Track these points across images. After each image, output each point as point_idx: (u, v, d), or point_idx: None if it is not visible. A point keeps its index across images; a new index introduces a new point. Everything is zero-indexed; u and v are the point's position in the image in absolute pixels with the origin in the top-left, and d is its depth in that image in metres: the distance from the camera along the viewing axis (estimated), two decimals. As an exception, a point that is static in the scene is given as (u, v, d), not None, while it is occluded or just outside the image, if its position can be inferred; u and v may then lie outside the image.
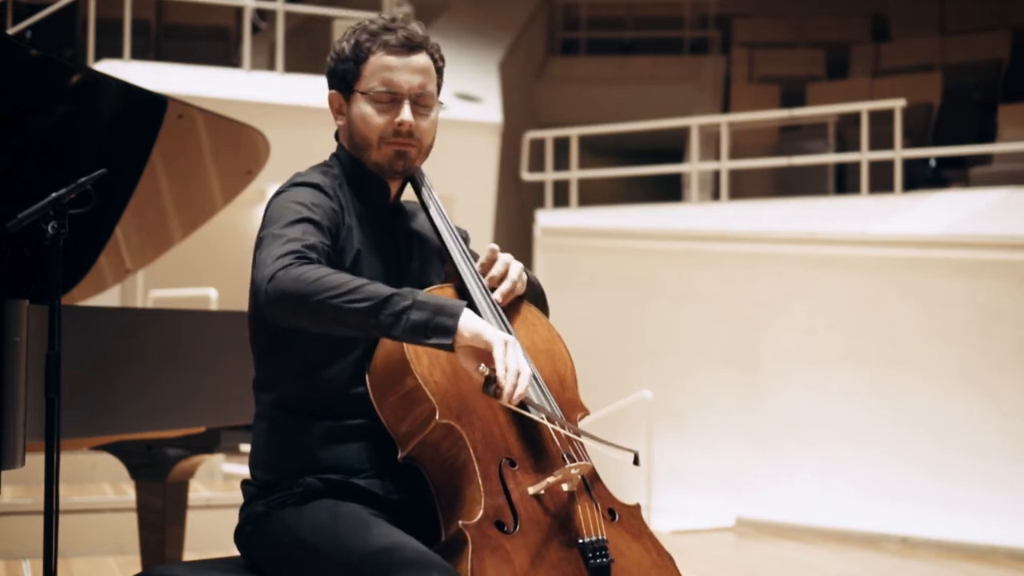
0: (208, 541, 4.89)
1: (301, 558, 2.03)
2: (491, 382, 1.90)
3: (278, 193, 2.13)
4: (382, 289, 1.89)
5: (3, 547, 5.17)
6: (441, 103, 2.22)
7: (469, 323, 1.89)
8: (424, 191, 2.28)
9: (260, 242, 2.01)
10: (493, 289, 2.19)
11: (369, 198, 2.22)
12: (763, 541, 6.72)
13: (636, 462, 2.05)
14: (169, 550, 3.44)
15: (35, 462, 2.42)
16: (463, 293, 2.18)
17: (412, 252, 2.26)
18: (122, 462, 3.43)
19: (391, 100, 2.15)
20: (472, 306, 2.15)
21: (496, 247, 2.23)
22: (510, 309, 2.22)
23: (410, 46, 2.16)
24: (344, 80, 2.18)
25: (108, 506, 5.45)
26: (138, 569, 3.50)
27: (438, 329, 1.88)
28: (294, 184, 2.15)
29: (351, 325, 1.89)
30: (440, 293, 2.15)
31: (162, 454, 3.35)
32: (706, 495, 7.37)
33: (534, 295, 2.33)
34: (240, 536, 2.18)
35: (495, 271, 2.20)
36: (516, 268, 2.23)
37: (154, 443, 3.33)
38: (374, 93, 2.15)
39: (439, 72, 2.22)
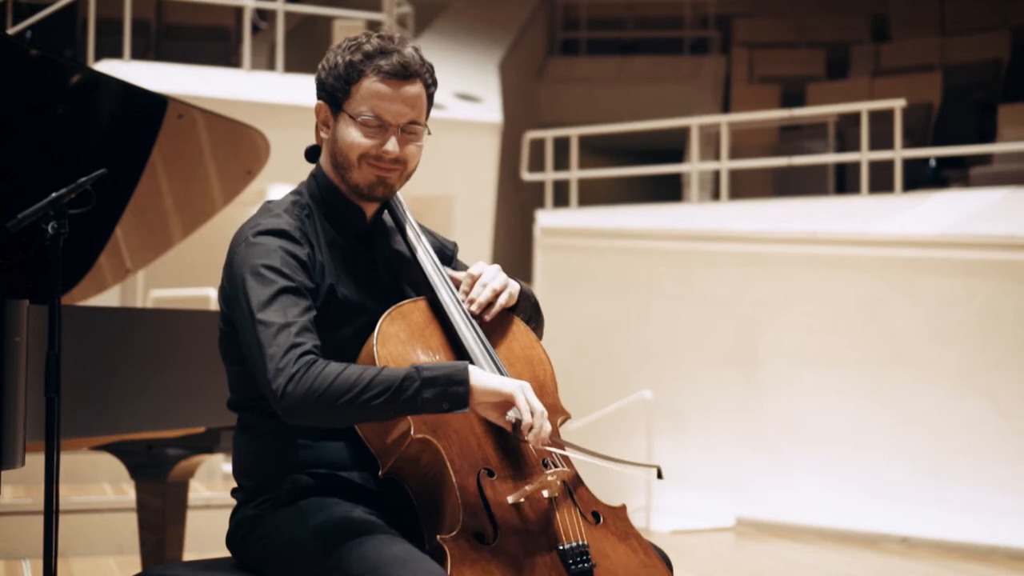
0: (208, 541, 4.89)
1: (293, 559, 2.04)
2: (518, 427, 1.99)
3: (247, 242, 2.08)
4: (390, 376, 1.93)
5: (3, 547, 5.17)
6: (428, 131, 2.19)
7: (479, 383, 1.97)
8: (397, 211, 2.26)
9: (246, 327, 2.00)
10: (472, 302, 2.17)
11: (344, 224, 2.20)
12: (763, 541, 6.72)
13: (660, 476, 2.09)
14: (169, 550, 3.44)
15: (35, 462, 2.42)
16: (435, 305, 2.17)
17: (393, 273, 2.25)
18: (122, 462, 3.43)
19: (379, 127, 2.12)
20: (446, 320, 2.16)
21: (475, 273, 2.21)
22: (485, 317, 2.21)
23: (404, 75, 2.11)
24: (333, 96, 2.15)
25: (108, 506, 5.45)
26: (138, 569, 3.50)
27: (453, 399, 1.95)
28: (260, 232, 2.09)
29: (375, 417, 1.98)
30: (412, 307, 2.15)
31: (162, 454, 3.35)
32: (706, 495, 7.37)
33: (527, 307, 2.31)
34: (232, 541, 2.19)
35: (473, 293, 2.18)
36: (499, 281, 2.21)
37: (154, 443, 3.33)
38: (362, 119, 2.11)
39: (430, 98, 2.19)
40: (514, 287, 2.24)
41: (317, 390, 1.91)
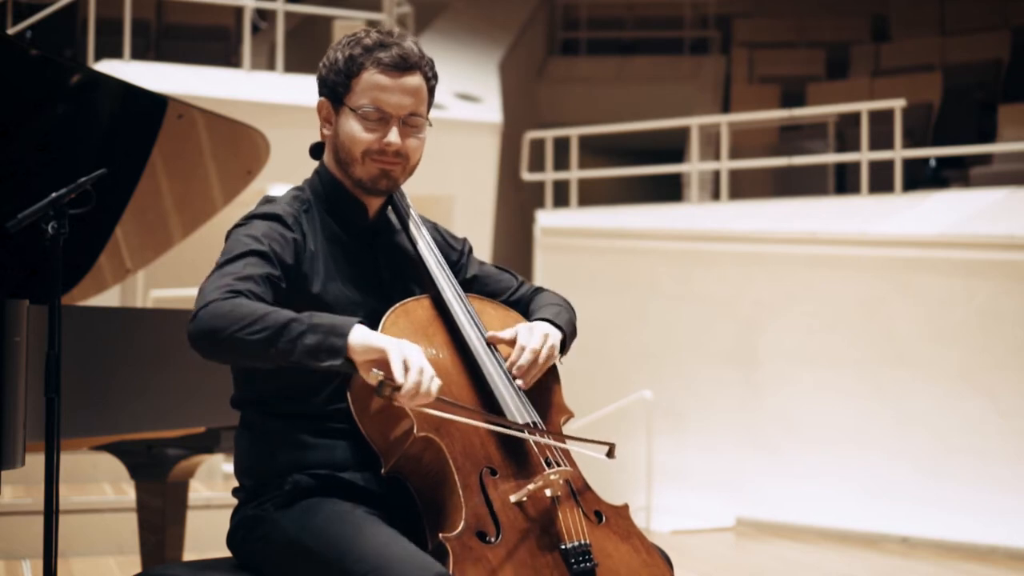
0: (208, 541, 4.89)
1: (294, 559, 2.04)
2: (383, 385, 1.84)
3: (235, 226, 2.12)
4: (282, 316, 1.88)
5: (3, 547, 5.17)
6: (430, 124, 2.20)
7: (359, 338, 1.87)
8: (401, 208, 2.26)
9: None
10: (516, 377, 2.13)
11: (346, 219, 2.21)
12: (763, 541, 6.72)
13: (611, 455, 2.06)
14: (169, 550, 3.44)
15: (35, 462, 2.42)
16: (439, 304, 2.18)
17: (394, 269, 2.24)
18: (122, 462, 3.43)
19: (380, 119, 2.12)
20: (449, 318, 2.16)
21: (510, 336, 2.16)
22: (486, 319, 2.21)
23: (404, 66, 2.12)
24: (334, 92, 2.16)
25: (108, 506, 5.45)
26: (138, 569, 3.50)
27: (330, 351, 1.86)
28: (254, 216, 2.13)
29: (257, 356, 1.89)
30: (416, 305, 2.15)
31: (162, 454, 3.35)
32: (706, 495, 7.37)
33: (571, 342, 2.29)
34: (233, 541, 2.19)
35: (522, 361, 2.13)
36: (536, 339, 2.15)
37: (154, 443, 3.33)
38: (363, 112, 2.12)
39: (431, 91, 2.19)
40: (554, 339, 2.18)
41: (217, 315, 1.88)
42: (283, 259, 2.06)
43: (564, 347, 2.26)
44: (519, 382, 2.13)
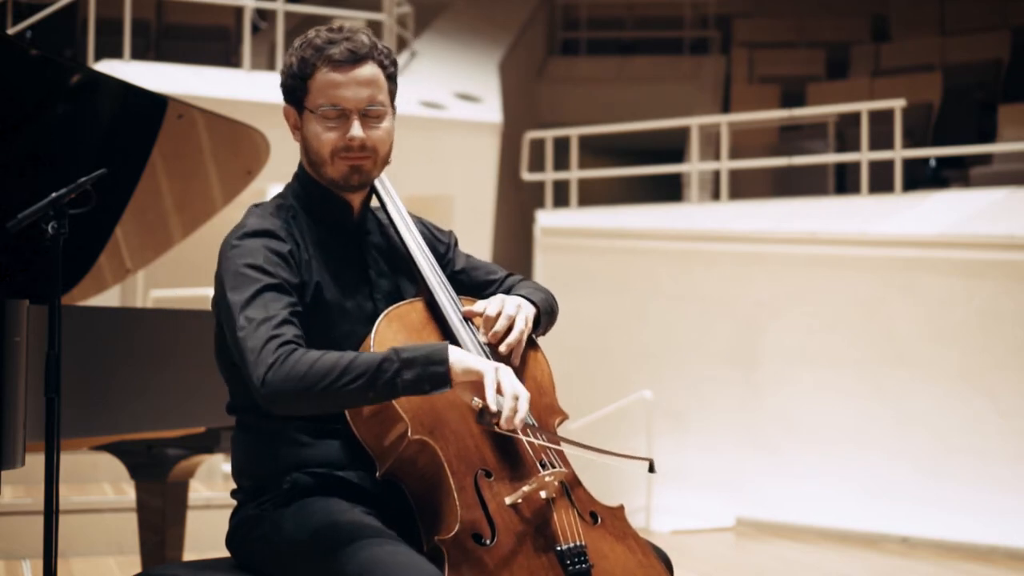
0: (208, 541, 4.89)
1: (292, 559, 2.04)
2: (484, 413, 1.95)
3: (230, 246, 2.09)
4: (369, 360, 1.92)
5: (3, 547, 5.17)
6: (394, 111, 2.19)
7: (458, 362, 1.95)
8: (389, 206, 2.26)
9: (231, 327, 2.00)
10: (498, 344, 2.16)
11: (332, 219, 2.21)
12: (763, 541, 6.72)
13: (652, 469, 2.07)
14: (169, 550, 3.44)
15: (35, 462, 2.42)
16: (432, 306, 2.18)
17: (383, 267, 2.24)
18: (122, 462, 3.43)
19: (339, 116, 2.12)
20: (443, 321, 2.16)
21: (484, 307, 2.18)
22: (477, 320, 2.20)
23: (354, 59, 2.12)
24: (294, 96, 2.16)
25: (108, 506, 5.45)
26: (138, 569, 3.50)
27: (433, 380, 1.92)
28: (244, 234, 2.10)
29: (355, 403, 1.97)
30: (409, 308, 2.16)
31: (162, 454, 3.35)
32: (706, 495, 7.37)
33: (546, 322, 2.30)
34: (232, 542, 2.19)
35: (498, 326, 2.16)
36: (516, 319, 2.18)
37: (154, 443, 3.33)
38: (322, 112, 2.12)
39: (391, 78, 2.18)
40: (528, 310, 2.21)
41: (295, 377, 1.90)
42: (290, 281, 2.07)
43: (538, 323, 2.26)
44: (503, 348, 2.15)
